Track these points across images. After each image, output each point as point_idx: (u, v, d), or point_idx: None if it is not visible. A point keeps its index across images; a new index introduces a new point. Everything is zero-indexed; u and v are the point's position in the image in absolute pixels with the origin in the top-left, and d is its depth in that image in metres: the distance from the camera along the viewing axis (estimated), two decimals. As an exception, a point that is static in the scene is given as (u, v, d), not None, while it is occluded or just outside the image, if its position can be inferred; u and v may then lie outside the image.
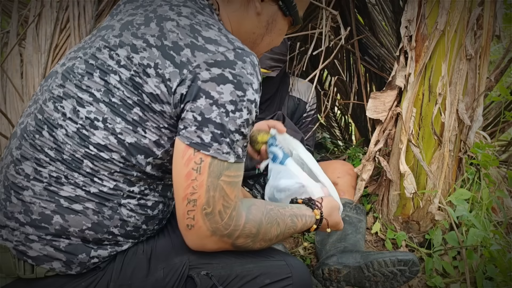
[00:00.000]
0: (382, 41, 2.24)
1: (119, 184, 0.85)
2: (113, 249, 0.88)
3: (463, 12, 1.49)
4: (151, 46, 0.81)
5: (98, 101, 0.82)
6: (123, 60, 0.82)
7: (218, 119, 0.78)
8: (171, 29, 0.81)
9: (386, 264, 1.35)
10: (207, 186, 0.79)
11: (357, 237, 1.54)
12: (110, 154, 0.82)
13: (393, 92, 1.66)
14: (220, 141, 0.79)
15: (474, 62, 1.56)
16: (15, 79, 1.93)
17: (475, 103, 1.60)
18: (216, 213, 0.81)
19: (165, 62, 0.79)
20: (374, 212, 1.79)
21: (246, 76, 0.79)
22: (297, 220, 0.96)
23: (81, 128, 0.83)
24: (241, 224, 0.84)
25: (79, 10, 1.91)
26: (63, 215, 0.82)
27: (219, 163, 0.80)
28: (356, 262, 1.39)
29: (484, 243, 1.43)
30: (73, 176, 0.83)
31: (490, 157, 1.53)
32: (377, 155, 1.68)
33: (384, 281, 1.37)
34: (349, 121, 3.03)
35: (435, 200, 1.56)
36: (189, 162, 0.79)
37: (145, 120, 0.82)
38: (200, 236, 0.83)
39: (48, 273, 0.83)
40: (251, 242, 0.87)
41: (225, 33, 0.84)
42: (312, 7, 2.15)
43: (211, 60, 0.78)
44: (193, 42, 0.80)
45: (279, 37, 1.01)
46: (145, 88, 0.80)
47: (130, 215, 0.88)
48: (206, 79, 0.77)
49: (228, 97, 0.78)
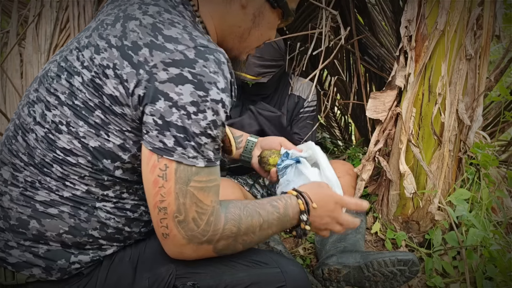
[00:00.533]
0: (382, 41, 2.24)
1: (91, 188, 0.83)
2: (96, 253, 0.86)
3: (463, 12, 1.49)
4: (112, 47, 0.78)
5: (62, 104, 0.81)
6: (86, 61, 0.80)
7: (180, 122, 0.73)
8: (132, 28, 0.78)
9: (386, 264, 1.35)
10: (175, 193, 0.75)
11: (357, 237, 1.54)
12: (76, 159, 0.81)
13: (393, 92, 1.66)
14: (184, 145, 0.74)
15: (474, 62, 1.56)
16: (15, 79, 1.93)
17: (475, 103, 1.60)
18: (190, 220, 0.77)
19: (123, 63, 0.76)
20: (374, 212, 1.79)
21: (208, 75, 0.74)
22: (277, 203, 0.90)
23: (48, 132, 0.82)
24: (221, 228, 0.80)
25: (79, 10, 1.91)
26: (39, 219, 0.82)
27: (186, 169, 0.75)
28: (356, 262, 1.39)
29: (484, 243, 1.43)
30: (45, 180, 0.82)
31: (490, 157, 1.53)
32: (377, 155, 1.68)
33: (384, 281, 1.37)
34: (349, 121, 3.03)
35: (435, 200, 1.56)
36: (154, 169, 0.76)
37: (107, 123, 0.79)
38: (177, 245, 0.79)
39: (29, 279, 0.82)
40: (233, 241, 0.83)
41: (190, 30, 0.79)
42: (312, 7, 2.15)
43: (168, 60, 0.74)
44: (152, 41, 0.76)
45: (269, 30, 0.96)
46: (105, 90, 0.77)
47: (108, 217, 0.85)
48: (164, 80, 0.73)
49: (188, 98, 0.73)
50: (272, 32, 0.97)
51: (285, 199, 0.92)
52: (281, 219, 0.90)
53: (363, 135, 2.69)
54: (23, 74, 1.93)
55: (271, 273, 0.88)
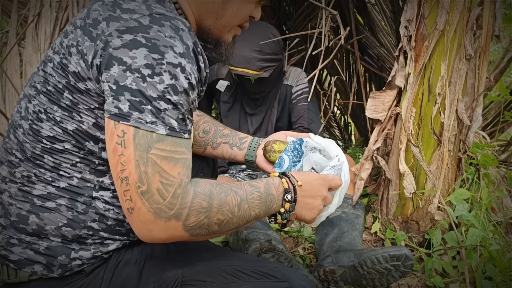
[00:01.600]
0: (382, 41, 2.24)
1: (85, 175, 0.82)
2: (98, 249, 0.85)
3: (463, 12, 1.49)
4: (76, 28, 0.80)
5: (39, 93, 0.82)
6: (57, 46, 0.82)
7: (134, 85, 0.71)
8: (95, 8, 0.79)
9: (379, 261, 1.34)
10: (135, 161, 0.72)
11: (353, 234, 1.53)
12: (62, 145, 0.81)
13: (392, 92, 1.66)
14: (141, 109, 0.72)
15: (473, 62, 1.56)
16: (14, 78, 1.93)
17: (475, 103, 1.60)
18: (154, 191, 0.72)
19: (84, 38, 0.77)
20: (373, 212, 1.79)
21: (163, 39, 0.73)
22: (257, 183, 0.85)
23: (32, 123, 0.82)
24: (189, 201, 0.75)
25: (78, 10, 1.91)
26: (38, 214, 0.82)
27: (145, 134, 0.72)
28: (350, 261, 1.39)
29: (483, 243, 1.43)
30: (40, 172, 0.82)
31: (489, 157, 1.53)
32: (376, 154, 1.68)
33: (379, 277, 1.37)
34: (349, 121, 3.03)
35: (434, 200, 1.56)
36: (112, 136, 0.73)
37: (76, 103, 0.79)
38: (143, 220, 0.74)
39: (31, 276, 0.83)
40: (205, 219, 0.77)
41: (150, 3, 0.79)
42: (311, 7, 2.15)
43: (122, 27, 0.73)
44: (110, 15, 0.76)
45: (246, 5, 0.92)
46: (69, 68, 0.78)
47: (107, 208, 0.85)
48: (118, 46, 0.72)
49: (142, 61, 0.71)
50: (250, 6, 0.93)
51: (266, 179, 0.88)
52: (263, 199, 0.85)
53: (362, 135, 2.70)
54: (22, 74, 1.93)
55: (278, 287, 0.84)
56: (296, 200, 0.89)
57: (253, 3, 0.93)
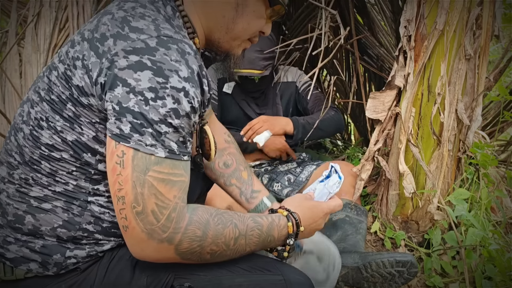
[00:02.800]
0: (381, 41, 2.24)
1: (80, 183, 0.83)
2: (92, 248, 0.86)
3: (462, 12, 1.49)
4: (84, 40, 0.79)
5: (42, 100, 0.82)
6: (63, 55, 0.82)
7: (137, 108, 0.72)
8: (104, 22, 0.79)
9: (384, 265, 1.34)
10: (132, 182, 0.73)
11: (357, 238, 1.54)
12: (60, 154, 0.81)
13: (392, 92, 1.66)
14: (141, 132, 0.72)
15: (473, 62, 1.56)
16: (14, 78, 1.93)
17: (474, 103, 1.60)
18: (149, 212, 0.74)
19: (90, 53, 0.77)
20: (373, 211, 1.79)
21: (169, 63, 0.73)
22: (262, 220, 0.86)
23: (32, 129, 0.83)
24: (183, 227, 0.76)
25: (78, 10, 1.91)
26: (34, 214, 0.83)
27: (143, 157, 0.73)
28: (354, 262, 1.39)
29: (483, 242, 1.43)
30: (37, 176, 0.83)
31: (489, 157, 1.53)
32: (376, 154, 1.68)
33: (382, 282, 1.37)
34: (348, 121, 3.03)
35: (434, 200, 1.56)
36: (112, 156, 0.74)
37: (78, 115, 0.79)
38: (136, 239, 0.75)
39: (27, 274, 0.83)
40: (198, 247, 0.78)
41: (159, 23, 0.79)
42: (311, 7, 2.15)
43: (129, 48, 0.73)
44: (118, 32, 0.76)
45: (257, 20, 0.92)
46: (73, 81, 0.78)
47: (103, 211, 0.85)
48: (123, 67, 0.72)
49: (146, 84, 0.72)
50: (261, 21, 0.93)
51: (272, 218, 0.88)
52: (262, 238, 0.85)
53: (362, 135, 2.69)
54: (22, 73, 1.93)
55: (272, 280, 0.85)
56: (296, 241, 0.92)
57: (264, 18, 0.94)
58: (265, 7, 0.92)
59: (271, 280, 0.85)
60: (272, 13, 0.94)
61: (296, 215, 0.92)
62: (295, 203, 0.96)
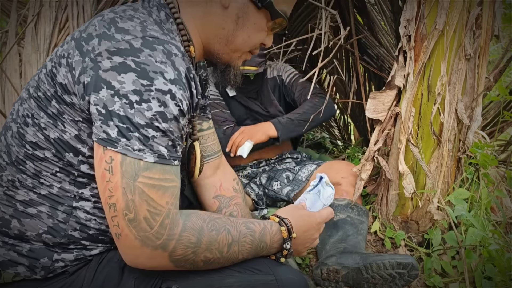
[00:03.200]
0: (381, 41, 2.25)
1: (65, 185, 0.82)
2: (80, 252, 0.85)
3: (462, 12, 1.49)
4: (73, 39, 0.79)
5: (30, 97, 0.82)
6: (53, 54, 0.82)
7: (122, 112, 0.70)
8: (94, 23, 0.79)
9: (385, 267, 1.34)
10: (122, 188, 0.71)
11: (358, 239, 1.54)
12: (43, 152, 0.80)
13: (392, 92, 1.66)
14: (128, 136, 0.70)
15: (473, 62, 1.56)
16: (14, 78, 1.93)
17: (474, 102, 1.60)
18: (141, 219, 0.72)
19: (75, 52, 0.76)
20: (373, 211, 1.79)
21: (153, 64, 0.71)
22: (254, 226, 0.85)
23: (19, 127, 0.82)
24: (177, 233, 0.75)
25: (78, 10, 1.91)
26: (20, 219, 0.82)
27: (132, 162, 0.71)
28: (355, 263, 1.39)
29: (483, 242, 1.43)
30: (23, 178, 0.82)
31: (489, 157, 1.53)
32: (376, 154, 1.68)
33: (382, 283, 1.37)
34: (348, 121, 3.03)
35: (434, 200, 1.56)
36: (101, 162, 0.72)
37: (62, 113, 0.78)
38: (130, 247, 0.74)
39: (15, 278, 0.83)
40: (192, 254, 0.77)
41: (147, 24, 0.77)
42: (311, 7, 2.15)
43: (113, 48, 0.72)
44: (104, 32, 0.75)
45: (257, 33, 0.90)
46: (57, 78, 0.77)
47: (89, 218, 0.84)
48: (107, 68, 0.71)
49: (130, 87, 0.70)
50: (262, 34, 0.91)
51: (264, 224, 0.87)
52: (255, 244, 0.84)
53: (362, 134, 2.69)
54: (22, 73, 1.93)
55: (263, 280, 0.83)
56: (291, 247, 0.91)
57: (265, 31, 0.91)
58: (266, 19, 0.89)
59: (263, 281, 0.83)
60: (274, 25, 0.92)
61: (288, 221, 0.90)
62: (287, 212, 0.95)
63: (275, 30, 0.94)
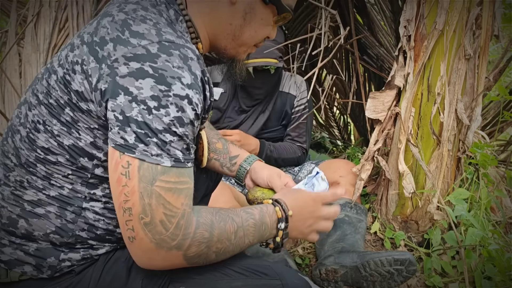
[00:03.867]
0: (381, 41, 2.25)
1: (76, 186, 0.82)
2: (87, 252, 0.85)
3: (462, 12, 1.49)
4: (84, 43, 0.78)
5: (40, 104, 0.81)
6: (62, 59, 0.80)
7: (140, 117, 0.70)
8: (104, 24, 0.77)
9: (383, 264, 1.34)
10: (139, 193, 0.71)
11: (356, 237, 1.54)
12: (55, 157, 0.80)
13: (392, 92, 1.66)
14: (146, 142, 0.71)
15: (473, 62, 1.56)
16: (13, 78, 1.93)
17: (474, 102, 1.60)
18: (157, 223, 0.72)
19: (90, 58, 0.75)
20: (373, 211, 1.79)
21: (171, 70, 0.71)
22: (252, 210, 0.85)
23: (29, 132, 0.82)
24: (192, 232, 0.75)
25: (77, 10, 1.91)
26: (27, 219, 0.82)
27: (150, 167, 0.71)
28: (353, 262, 1.39)
29: (482, 242, 1.43)
30: (32, 179, 0.82)
31: (488, 157, 1.53)
32: (376, 154, 1.68)
33: (381, 280, 1.37)
34: (348, 121, 3.03)
35: (433, 200, 1.56)
36: (117, 167, 0.72)
37: (76, 120, 0.78)
38: (144, 250, 0.74)
39: (22, 277, 0.83)
40: (205, 248, 0.78)
41: (160, 27, 0.77)
42: (311, 7, 2.15)
43: (130, 54, 0.72)
44: (118, 36, 0.74)
45: (264, 28, 0.91)
46: (72, 86, 0.77)
47: (97, 218, 0.84)
48: (124, 74, 0.71)
49: (148, 93, 0.70)
50: (268, 28, 0.92)
51: (260, 207, 0.88)
52: (257, 226, 0.85)
53: (362, 134, 2.70)
54: (21, 73, 1.93)
55: (269, 285, 0.83)
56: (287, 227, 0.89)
57: (271, 25, 0.93)
58: (272, 14, 0.91)
59: (269, 285, 0.83)
60: (279, 18, 0.93)
61: (281, 200, 0.90)
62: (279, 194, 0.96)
63: (279, 23, 0.95)
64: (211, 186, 1.20)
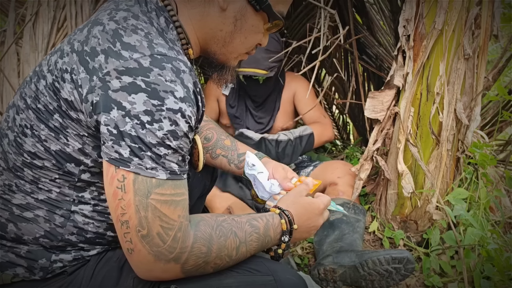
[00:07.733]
0: (380, 40, 2.24)
1: (64, 190, 0.82)
2: (78, 253, 0.85)
3: (461, 11, 1.49)
4: (73, 51, 0.77)
5: (28, 108, 0.81)
6: (52, 65, 0.80)
7: (133, 132, 0.70)
8: (95, 34, 0.77)
9: (381, 263, 1.34)
10: (135, 206, 0.72)
11: (354, 237, 1.54)
12: (42, 162, 0.80)
13: (391, 92, 1.66)
14: (141, 156, 0.71)
15: (472, 62, 1.56)
16: (12, 78, 1.93)
17: (473, 102, 1.60)
18: (154, 235, 0.73)
19: (80, 68, 0.75)
20: (372, 211, 1.79)
21: (164, 84, 0.71)
22: (258, 222, 0.85)
23: (16, 136, 0.82)
24: (189, 245, 0.76)
25: (76, 9, 1.91)
26: (16, 223, 0.82)
27: (144, 180, 0.72)
28: (351, 261, 1.39)
29: (481, 242, 1.43)
30: (20, 183, 0.82)
31: (487, 157, 1.53)
32: (375, 154, 1.68)
33: (379, 279, 1.37)
34: (347, 121, 3.02)
35: (433, 200, 1.56)
36: (112, 180, 0.73)
37: (65, 127, 0.78)
38: (143, 261, 0.75)
39: (14, 279, 0.83)
40: (203, 263, 0.78)
41: (152, 38, 0.76)
42: (310, 6, 2.15)
43: (122, 68, 0.71)
44: (110, 48, 0.74)
45: (255, 35, 0.91)
46: (62, 94, 0.76)
47: (87, 221, 0.84)
48: (116, 89, 0.71)
49: (141, 107, 0.70)
50: (258, 36, 0.92)
51: (266, 218, 0.88)
52: (261, 241, 0.86)
53: (361, 134, 2.69)
54: (20, 73, 1.93)
55: (262, 281, 0.83)
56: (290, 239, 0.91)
57: (262, 32, 0.92)
58: (263, 21, 0.90)
59: (261, 281, 0.83)
60: (271, 26, 0.92)
61: (288, 212, 0.91)
62: (288, 201, 0.96)
63: (271, 31, 0.94)
64: (208, 186, 1.21)
